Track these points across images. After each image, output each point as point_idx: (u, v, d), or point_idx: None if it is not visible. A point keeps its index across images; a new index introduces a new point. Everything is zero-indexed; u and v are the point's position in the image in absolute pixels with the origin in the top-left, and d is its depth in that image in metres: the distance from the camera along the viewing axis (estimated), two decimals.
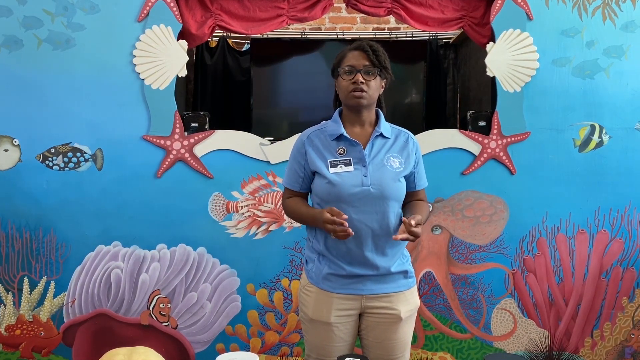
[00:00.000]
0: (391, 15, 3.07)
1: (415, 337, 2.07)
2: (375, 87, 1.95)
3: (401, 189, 1.96)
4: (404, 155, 1.99)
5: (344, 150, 1.95)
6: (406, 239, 1.84)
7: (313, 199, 2.02)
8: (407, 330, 2.01)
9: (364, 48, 1.94)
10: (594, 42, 2.95)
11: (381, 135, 1.97)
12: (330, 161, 1.93)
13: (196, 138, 2.87)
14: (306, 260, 2.05)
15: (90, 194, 2.83)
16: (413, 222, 1.81)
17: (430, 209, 2.79)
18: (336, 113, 2.03)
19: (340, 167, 1.92)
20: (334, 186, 1.90)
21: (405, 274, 2.00)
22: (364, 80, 1.91)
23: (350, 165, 1.92)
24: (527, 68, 2.92)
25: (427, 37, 4.55)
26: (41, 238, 2.83)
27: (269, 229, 2.91)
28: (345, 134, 1.95)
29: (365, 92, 1.92)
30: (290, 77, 4.28)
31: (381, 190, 1.90)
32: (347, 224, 1.79)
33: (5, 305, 2.84)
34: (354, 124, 1.99)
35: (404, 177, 1.98)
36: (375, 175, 1.91)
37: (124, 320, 2.88)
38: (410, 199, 2.05)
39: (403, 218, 1.85)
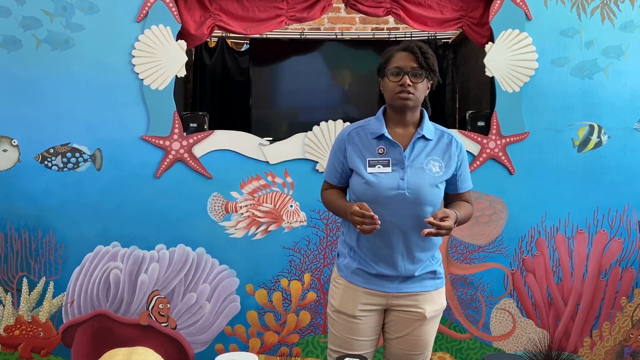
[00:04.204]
0: (390, 16, 3.07)
1: None
2: (422, 89, 1.92)
3: (438, 194, 1.92)
4: (445, 158, 1.95)
5: (384, 150, 1.92)
6: (436, 234, 1.80)
7: (350, 195, 2.01)
8: (430, 330, 2.00)
9: (413, 49, 1.91)
10: (592, 42, 2.95)
11: (423, 137, 1.94)
12: (368, 160, 1.91)
13: (195, 138, 2.86)
14: (338, 254, 2.05)
15: (89, 194, 2.83)
16: (433, 219, 1.77)
17: None
18: (380, 111, 2.00)
19: (378, 167, 1.90)
20: (370, 187, 1.88)
21: (433, 274, 1.98)
22: (411, 83, 1.88)
23: (389, 166, 1.90)
24: (526, 68, 2.92)
25: (426, 37, 4.54)
26: (40, 238, 2.83)
27: (268, 229, 2.91)
28: (386, 134, 1.92)
29: (412, 94, 1.88)
30: (289, 78, 4.27)
31: (417, 194, 1.87)
32: (377, 217, 1.77)
33: (4, 306, 2.84)
34: (396, 124, 1.95)
35: (446, 179, 1.95)
36: (413, 180, 1.88)
37: (123, 320, 2.88)
38: (454, 201, 2.01)
39: (428, 218, 1.80)
